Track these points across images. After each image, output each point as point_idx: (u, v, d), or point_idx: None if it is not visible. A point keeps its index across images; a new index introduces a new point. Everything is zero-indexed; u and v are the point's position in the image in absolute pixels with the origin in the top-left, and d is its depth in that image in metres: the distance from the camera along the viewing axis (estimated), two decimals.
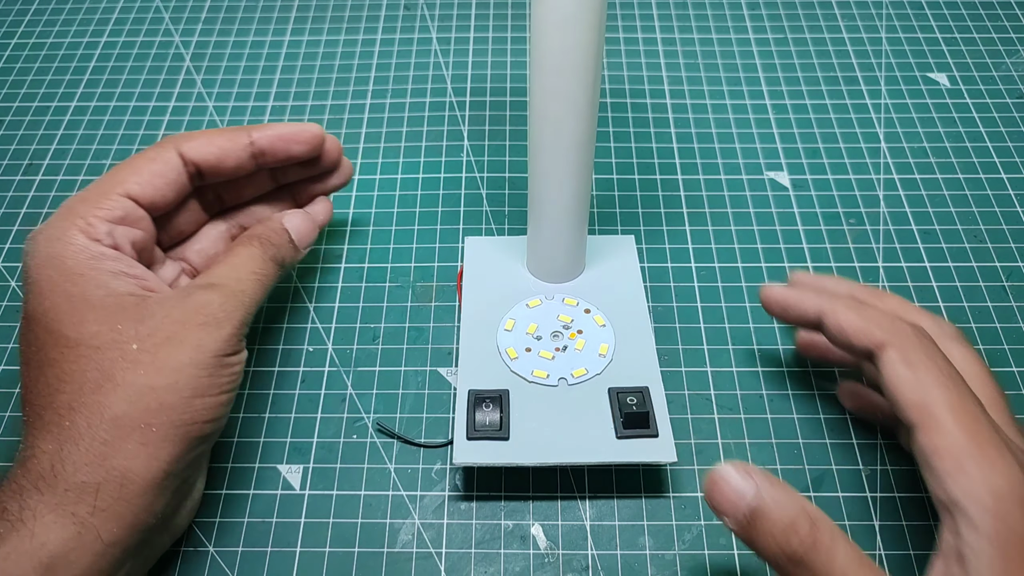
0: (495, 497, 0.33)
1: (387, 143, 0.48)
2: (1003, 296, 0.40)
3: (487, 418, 0.32)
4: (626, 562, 0.32)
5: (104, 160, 0.47)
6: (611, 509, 0.33)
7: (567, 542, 0.32)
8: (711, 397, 0.36)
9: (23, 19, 0.56)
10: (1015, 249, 0.42)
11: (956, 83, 0.51)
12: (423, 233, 0.43)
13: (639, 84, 0.51)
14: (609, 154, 0.47)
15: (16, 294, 0.41)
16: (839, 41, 0.54)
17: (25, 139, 0.48)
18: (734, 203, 0.44)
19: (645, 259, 0.41)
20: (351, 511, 0.33)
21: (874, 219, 0.43)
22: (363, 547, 0.32)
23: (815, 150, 0.47)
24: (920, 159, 0.46)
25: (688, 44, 0.54)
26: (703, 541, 0.32)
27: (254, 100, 0.50)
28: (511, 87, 0.51)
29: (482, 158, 0.47)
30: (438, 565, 0.32)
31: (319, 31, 0.55)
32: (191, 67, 0.53)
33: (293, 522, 0.33)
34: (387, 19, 0.56)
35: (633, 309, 0.37)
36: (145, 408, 0.26)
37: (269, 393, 0.37)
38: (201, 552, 0.32)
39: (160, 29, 0.55)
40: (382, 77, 0.52)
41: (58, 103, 0.51)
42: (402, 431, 0.35)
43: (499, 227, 0.43)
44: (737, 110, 0.49)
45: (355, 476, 0.34)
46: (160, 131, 0.49)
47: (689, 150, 0.47)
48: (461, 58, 0.53)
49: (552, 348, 0.35)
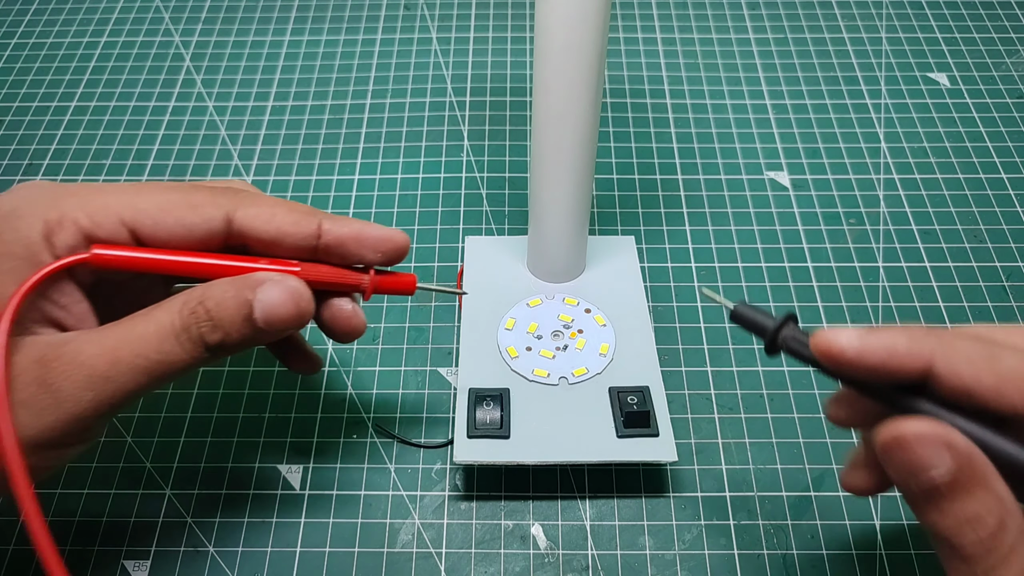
0: (495, 497, 0.33)
1: (387, 143, 0.48)
2: (1003, 296, 0.40)
3: (488, 416, 0.32)
4: (626, 562, 0.32)
5: (104, 160, 0.47)
6: (611, 509, 0.33)
7: (567, 542, 0.32)
8: (711, 397, 0.36)
9: (23, 19, 0.56)
10: (1015, 249, 0.42)
11: (956, 83, 0.51)
12: (423, 233, 0.43)
13: (639, 84, 0.51)
14: (609, 154, 0.47)
15: None
16: (839, 41, 0.54)
17: (25, 139, 0.48)
18: (734, 203, 0.44)
19: (645, 259, 0.41)
20: (351, 511, 0.33)
21: (874, 219, 0.43)
22: (363, 547, 0.32)
23: (815, 150, 0.47)
24: (920, 159, 0.46)
25: (688, 44, 0.54)
26: (703, 541, 0.32)
27: (254, 100, 0.50)
28: (511, 87, 0.51)
29: (482, 158, 0.47)
30: (438, 565, 0.32)
31: (319, 31, 0.55)
32: (191, 67, 0.53)
33: (293, 522, 0.33)
34: (387, 19, 0.56)
35: (633, 309, 0.37)
36: None
37: (269, 393, 0.37)
38: (201, 552, 0.32)
39: (160, 29, 0.55)
40: (382, 77, 0.52)
41: (58, 103, 0.50)
42: (402, 431, 0.35)
43: (499, 227, 0.43)
44: (737, 110, 0.49)
45: (355, 476, 0.34)
46: (160, 131, 0.49)
47: (689, 150, 0.47)
48: (461, 58, 0.53)
49: (553, 347, 0.35)
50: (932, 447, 0.20)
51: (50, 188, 0.24)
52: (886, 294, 0.40)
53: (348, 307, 0.27)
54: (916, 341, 0.21)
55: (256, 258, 0.26)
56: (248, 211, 0.26)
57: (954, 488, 0.20)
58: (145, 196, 0.25)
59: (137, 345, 0.23)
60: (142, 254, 0.24)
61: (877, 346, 0.21)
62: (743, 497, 0.33)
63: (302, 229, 0.26)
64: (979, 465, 0.20)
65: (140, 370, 0.23)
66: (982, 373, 0.20)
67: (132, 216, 0.24)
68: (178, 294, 0.25)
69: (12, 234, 0.23)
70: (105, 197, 0.24)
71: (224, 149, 0.47)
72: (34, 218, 0.23)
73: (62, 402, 0.23)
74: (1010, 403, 0.20)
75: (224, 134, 0.48)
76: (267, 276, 0.25)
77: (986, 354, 0.20)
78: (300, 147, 0.48)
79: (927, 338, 0.21)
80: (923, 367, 0.21)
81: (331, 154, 0.47)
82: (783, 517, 0.33)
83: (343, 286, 0.27)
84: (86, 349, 0.23)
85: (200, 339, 0.24)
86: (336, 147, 0.48)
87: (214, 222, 0.25)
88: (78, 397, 0.23)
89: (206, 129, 0.49)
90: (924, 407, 0.21)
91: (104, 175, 0.46)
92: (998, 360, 0.20)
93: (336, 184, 0.45)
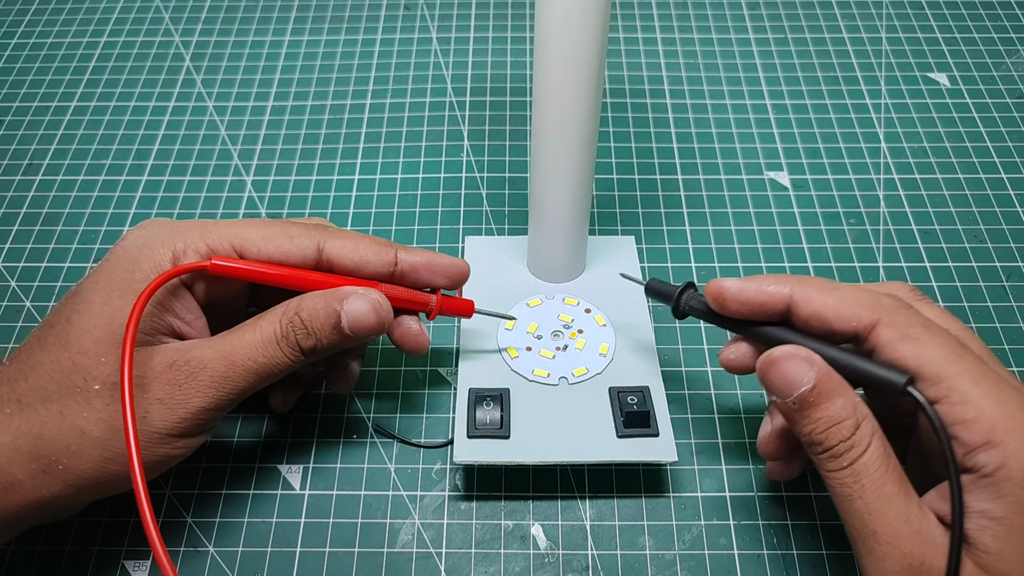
0: (495, 497, 0.33)
1: (387, 143, 0.48)
2: (1003, 296, 0.40)
3: (488, 416, 0.32)
4: (626, 562, 0.32)
5: (104, 160, 0.47)
6: (611, 509, 0.33)
7: (567, 542, 0.32)
8: (711, 397, 0.36)
9: (23, 19, 0.56)
10: (1015, 249, 0.42)
11: (956, 83, 0.51)
12: (423, 233, 0.43)
13: (639, 84, 0.51)
14: (609, 154, 0.47)
15: (16, 295, 0.41)
16: (839, 41, 0.54)
17: (25, 139, 0.48)
18: (734, 203, 0.44)
19: (645, 259, 0.41)
20: (351, 511, 0.33)
21: (874, 219, 0.43)
22: (363, 547, 0.32)
23: (815, 150, 0.47)
24: (920, 159, 0.46)
25: (688, 44, 0.54)
26: (703, 541, 0.32)
27: (254, 100, 0.50)
28: (511, 87, 0.51)
29: (482, 158, 0.47)
30: (438, 565, 0.32)
31: (319, 31, 0.55)
32: (191, 67, 0.53)
33: (293, 522, 0.33)
34: (387, 19, 0.56)
35: (633, 309, 0.37)
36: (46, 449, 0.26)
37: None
38: (201, 552, 0.32)
39: (160, 29, 0.55)
40: (382, 77, 0.52)
41: (58, 103, 0.50)
42: (402, 431, 0.35)
43: (499, 227, 0.43)
44: (737, 110, 0.49)
45: (355, 476, 0.34)
46: (160, 131, 0.49)
47: (689, 150, 0.47)
48: (461, 58, 0.53)
49: (553, 347, 0.35)
50: (797, 363, 0.25)
51: (172, 224, 0.29)
52: None
53: (416, 326, 0.32)
54: (780, 280, 0.27)
55: (344, 277, 0.30)
56: (336, 242, 0.30)
57: (819, 396, 0.25)
58: (251, 228, 0.29)
59: (248, 350, 0.28)
60: (251, 266, 0.29)
61: (752, 284, 0.28)
62: (743, 497, 0.33)
63: (382, 257, 0.31)
64: (835, 376, 0.25)
65: (250, 371, 0.28)
66: (826, 296, 0.26)
67: (241, 243, 0.29)
68: (276, 306, 0.29)
69: (148, 261, 0.28)
70: (220, 229, 0.29)
71: (224, 149, 0.47)
72: (164, 248, 0.28)
73: (191, 398, 0.27)
74: (847, 321, 0.26)
75: (224, 134, 0.48)
76: (352, 290, 0.29)
77: (829, 285, 0.27)
78: (300, 147, 0.48)
79: (789, 278, 0.27)
80: (786, 300, 0.27)
81: (331, 154, 0.47)
82: (783, 517, 0.33)
83: (414, 304, 0.31)
84: (207, 354, 0.28)
85: (296, 344, 0.28)
86: (336, 147, 0.48)
87: (307, 250, 0.30)
88: (204, 394, 0.27)
89: (206, 129, 0.49)
90: (789, 336, 0.27)
91: (104, 175, 0.46)
92: (838, 288, 0.27)
93: (336, 184, 0.45)
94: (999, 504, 0.23)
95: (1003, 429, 0.23)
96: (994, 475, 0.23)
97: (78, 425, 0.26)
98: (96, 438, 0.26)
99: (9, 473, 0.26)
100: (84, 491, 0.27)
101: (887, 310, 0.26)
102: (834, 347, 0.27)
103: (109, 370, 0.26)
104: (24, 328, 0.39)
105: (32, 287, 0.41)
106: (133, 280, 0.27)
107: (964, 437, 0.23)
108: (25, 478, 0.26)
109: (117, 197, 0.45)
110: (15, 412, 0.26)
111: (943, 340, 0.25)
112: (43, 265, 0.42)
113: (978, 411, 0.23)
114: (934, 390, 0.24)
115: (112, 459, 0.27)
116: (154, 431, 0.27)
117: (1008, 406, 0.23)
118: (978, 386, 0.24)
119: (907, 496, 0.24)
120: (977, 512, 0.23)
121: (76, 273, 0.42)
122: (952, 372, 0.24)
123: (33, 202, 0.45)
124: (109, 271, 0.28)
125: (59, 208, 0.45)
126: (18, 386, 0.27)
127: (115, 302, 0.27)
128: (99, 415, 0.26)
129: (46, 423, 0.26)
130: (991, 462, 0.23)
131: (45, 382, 0.26)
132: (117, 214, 0.44)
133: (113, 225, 0.44)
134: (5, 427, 0.26)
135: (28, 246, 0.43)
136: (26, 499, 0.26)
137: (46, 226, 0.44)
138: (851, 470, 0.25)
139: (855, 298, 0.26)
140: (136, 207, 0.45)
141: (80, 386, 0.26)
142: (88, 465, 0.26)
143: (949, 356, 0.24)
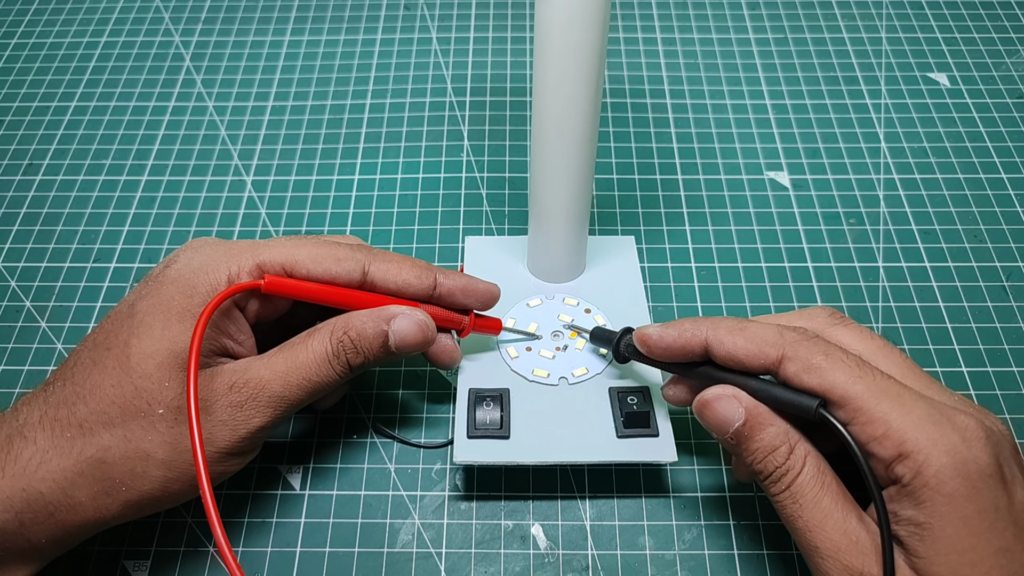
0: (495, 497, 0.33)
1: (387, 143, 0.48)
2: (1003, 296, 0.40)
3: (488, 417, 0.32)
4: (626, 562, 0.32)
5: (104, 160, 0.47)
6: (611, 509, 0.33)
7: (567, 542, 0.32)
8: None
9: (23, 19, 0.56)
10: (1015, 249, 0.42)
11: (956, 83, 0.51)
12: (423, 233, 0.43)
13: (639, 84, 0.51)
14: (609, 154, 0.47)
15: (16, 294, 0.41)
16: (839, 41, 0.54)
17: (25, 139, 0.48)
18: (734, 203, 0.44)
19: (645, 259, 0.41)
20: (351, 511, 0.33)
21: (874, 219, 0.43)
22: (363, 547, 0.32)
23: (815, 150, 0.47)
24: (920, 159, 0.46)
25: (688, 44, 0.54)
26: (703, 541, 0.32)
27: (254, 100, 0.50)
28: (511, 87, 0.51)
29: (482, 158, 0.47)
30: (438, 565, 0.32)
31: (319, 31, 0.55)
32: (191, 67, 0.53)
33: (293, 522, 0.33)
34: (387, 19, 0.56)
35: (633, 309, 0.37)
36: (117, 458, 0.27)
37: None
38: (201, 552, 0.32)
39: (160, 29, 0.55)
40: (382, 77, 0.52)
41: (58, 103, 0.51)
42: (402, 431, 0.35)
43: (499, 227, 0.43)
44: (737, 110, 0.49)
45: (355, 476, 0.34)
46: (160, 131, 0.49)
47: (689, 150, 0.47)
48: (461, 58, 0.53)
49: (553, 347, 0.35)
50: (727, 401, 0.27)
51: (224, 246, 0.30)
52: (886, 294, 0.40)
53: (449, 343, 0.33)
54: (695, 323, 0.29)
55: (388, 297, 0.32)
56: (380, 266, 0.31)
57: (751, 429, 0.27)
58: (299, 248, 0.30)
59: (302, 370, 0.29)
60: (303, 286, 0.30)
61: (670, 331, 0.29)
62: (743, 497, 0.33)
63: (423, 281, 0.32)
64: (762, 408, 0.27)
65: (304, 389, 0.29)
66: (735, 338, 0.27)
67: (291, 265, 0.30)
68: (322, 324, 0.30)
69: (205, 286, 0.29)
70: (270, 250, 0.30)
71: (224, 149, 0.47)
72: (219, 272, 0.29)
73: (251, 418, 0.28)
74: (756, 359, 0.27)
75: (224, 134, 0.48)
76: (399, 310, 0.31)
77: (738, 326, 0.28)
78: (300, 147, 0.48)
79: (703, 322, 0.29)
80: (702, 343, 0.28)
81: (331, 154, 0.47)
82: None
83: (449, 323, 0.33)
84: (264, 375, 0.29)
85: (347, 362, 0.30)
86: (336, 147, 0.48)
87: (353, 273, 0.31)
88: (263, 414, 0.28)
89: (206, 129, 0.49)
90: (716, 374, 0.29)
91: (104, 175, 0.46)
92: (746, 328, 0.28)
93: (336, 184, 0.45)
94: (921, 510, 0.24)
95: (911, 440, 0.24)
96: (911, 484, 0.24)
97: (143, 448, 0.27)
98: (161, 460, 0.27)
99: (72, 496, 0.26)
100: (143, 509, 0.28)
101: (789, 344, 0.26)
102: (755, 379, 0.28)
103: (172, 394, 0.27)
104: (24, 328, 0.39)
105: (32, 287, 0.41)
106: (191, 304, 0.28)
107: (879, 452, 0.24)
108: (87, 500, 0.27)
109: (117, 197, 0.45)
110: (76, 436, 0.26)
111: (843, 364, 0.26)
112: (43, 265, 0.42)
113: (886, 426, 0.24)
114: (843, 412, 0.25)
115: (175, 479, 0.27)
116: (216, 451, 0.28)
117: (912, 416, 0.24)
118: (881, 402, 0.25)
119: (844, 510, 0.25)
120: (905, 519, 0.24)
121: (76, 273, 0.42)
122: (856, 393, 0.25)
123: (33, 202, 0.45)
124: (167, 295, 0.28)
125: (59, 208, 0.45)
126: (77, 410, 0.27)
127: (175, 327, 0.28)
128: (163, 438, 0.27)
129: (109, 448, 0.27)
130: (907, 472, 0.24)
131: (107, 407, 0.27)
132: (117, 214, 0.44)
133: (113, 225, 0.44)
134: (67, 451, 0.26)
135: (28, 246, 0.43)
136: (86, 519, 0.27)
137: (46, 226, 0.44)
138: (789, 492, 0.26)
139: (761, 336, 0.27)
140: (136, 207, 0.45)
141: (144, 410, 0.27)
142: (151, 486, 0.27)
143: (850, 378, 0.25)
